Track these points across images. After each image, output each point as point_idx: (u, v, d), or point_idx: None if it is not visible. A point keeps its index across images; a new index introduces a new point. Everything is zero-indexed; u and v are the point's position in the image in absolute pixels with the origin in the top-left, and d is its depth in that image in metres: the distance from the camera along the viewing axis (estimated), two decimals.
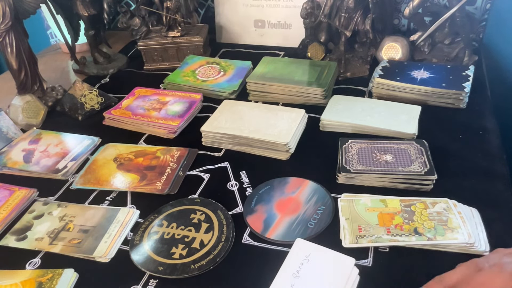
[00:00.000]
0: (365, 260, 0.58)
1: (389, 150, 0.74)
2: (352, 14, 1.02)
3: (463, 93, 0.86)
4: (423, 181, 0.68)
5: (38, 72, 1.00)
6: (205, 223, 0.66)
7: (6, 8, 0.87)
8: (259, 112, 0.88)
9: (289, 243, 0.61)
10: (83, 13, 1.12)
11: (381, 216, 0.63)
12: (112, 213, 0.70)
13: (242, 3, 1.24)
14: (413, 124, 0.81)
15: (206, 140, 0.85)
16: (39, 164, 0.83)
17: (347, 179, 0.71)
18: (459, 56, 1.01)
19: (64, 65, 1.28)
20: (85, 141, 0.89)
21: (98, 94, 1.00)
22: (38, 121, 0.96)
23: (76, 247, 0.64)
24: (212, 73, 1.06)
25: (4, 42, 0.90)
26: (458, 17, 0.98)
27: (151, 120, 0.90)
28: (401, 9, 1.16)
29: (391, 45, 1.05)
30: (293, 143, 0.80)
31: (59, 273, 0.60)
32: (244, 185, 0.74)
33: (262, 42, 1.26)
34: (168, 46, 1.16)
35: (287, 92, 0.95)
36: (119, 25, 1.30)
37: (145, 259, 0.61)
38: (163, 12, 1.13)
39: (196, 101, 0.96)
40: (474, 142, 0.79)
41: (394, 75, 0.93)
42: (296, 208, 0.68)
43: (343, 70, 1.05)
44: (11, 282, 0.59)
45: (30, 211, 0.72)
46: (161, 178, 0.76)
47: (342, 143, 0.78)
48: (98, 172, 0.80)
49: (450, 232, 0.59)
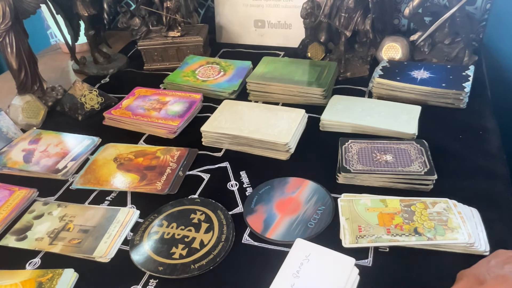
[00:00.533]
0: (365, 260, 0.58)
1: (389, 150, 0.74)
2: (352, 14, 1.01)
3: (463, 93, 0.86)
4: (423, 181, 0.68)
5: (38, 72, 1.00)
6: (205, 223, 0.66)
7: (6, 8, 0.87)
8: (259, 112, 0.88)
9: (289, 243, 0.61)
10: (83, 13, 1.12)
11: (381, 216, 0.63)
12: (112, 213, 0.70)
13: (242, 3, 1.24)
14: (413, 124, 0.81)
15: (206, 140, 0.85)
16: (39, 164, 0.83)
17: (347, 179, 0.71)
18: (459, 56, 1.01)
19: (64, 65, 1.28)
20: (85, 141, 0.89)
21: (98, 94, 1.00)
22: (38, 121, 0.96)
23: (76, 247, 0.64)
24: (212, 73, 1.06)
25: (4, 42, 0.90)
26: (458, 17, 0.98)
27: (151, 120, 0.90)
28: (401, 9, 1.16)
29: (391, 45, 1.04)
30: (293, 143, 0.80)
31: (59, 273, 0.60)
32: (244, 185, 0.74)
33: (262, 42, 1.26)
34: (168, 46, 1.16)
35: (287, 92, 0.95)
36: (119, 25, 1.30)
37: (145, 259, 0.61)
38: (163, 12, 1.13)
39: (196, 101, 0.96)
40: (474, 142, 0.79)
41: (394, 75, 0.93)
42: (296, 208, 0.68)
43: (343, 70, 1.05)
44: (11, 282, 0.59)
45: (30, 211, 0.72)
46: (161, 178, 0.76)
47: (342, 143, 0.78)
48: (98, 172, 0.80)
49: (450, 232, 0.59)
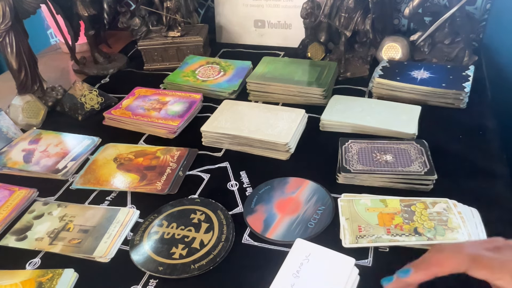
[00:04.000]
0: (365, 260, 0.58)
1: (389, 150, 0.74)
2: (352, 14, 1.01)
3: (463, 93, 0.86)
4: (423, 181, 0.68)
5: (38, 72, 1.00)
6: (205, 223, 0.66)
7: (6, 8, 0.87)
8: (259, 112, 0.88)
9: (289, 243, 0.61)
10: (83, 13, 1.12)
11: (381, 216, 0.63)
12: (112, 213, 0.70)
13: (242, 3, 1.24)
14: (413, 124, 0.81)
15: (206, 140, 0.85)
16: (39, 164, 0.83)
17: (347, 179, 0.71)
18: (459, 56, 1.01)
19: (64, 65, 1.28)
20: (85, 141, 0.89)
21: (98, 94, 1.00)
22: (38, 121, 0.96)
23: (76, 247, 0.64)
24: (212, 73, 1.06)
25: (4, 42, 0.90)
26: (458, 17, 0.98)
27: (151, 120, 0.90)
28: (401, 9, 1.15)
29: (391, 45, 1.04)
30: (293, 143, 0.80)
31: (59, 273, 0.60)
32: (244, 185, 0.74)
33: (262, 42, 1.26)
34: (168, 46, 1.16)
35: (287, 92, 0.95)
36: (119, 25, 1.30)
37: (145, 259, 0.61)
38: (163, 12, 1.13)
39: (196, 101, 0.96)
40: (474, 142, 0.79)
41: (394, 75, 0.93)
42: (296, 208, 0.67)
43: (343, 70, 1.05)
44: (11, 282, 0.59)
45: (30, 211, 0.72)
46: (161, 178, 0.76)
47: (342, 143, 0.78)
48: (98, 172, 0.80)
49: (450, 232, 0.59)
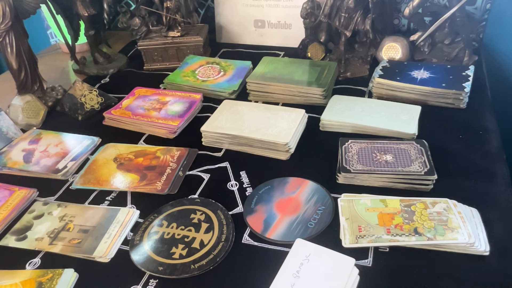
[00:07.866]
0: (365, 260, 0.58)
1: (389, 150, 0.74)
2: (352, 14, 1.02)
3: (463, 93, 0.86)
4: (423, 181, 0.68)
5: (38, 72, 1.00)
6: (205, 223, 0.66)
7: (6, 8, 0.87)
8: (259, 112, 0.88)
9: (289, 243, 0.61)
10: (83, 13, 1.12)
11: (381, 216, 0.63)
12: (112, 213, 0.70)
13: (242, 3, 1.24)
14: (413, 124, 0.81)
15: (206, 140, 0.85)
16: (39, 164, 0.83)
17: (347, 179, 0.71)
18: (459, 56, 1.01)
19: (64, 65, 1.28)
20: (85, 141, 0.89)
21: (98, 94, 1.00)
22: (38, 121, 0.96)
23: (76, 247, 0.64)
24: (212, 73, 1.06)
25: (4, 42, 0.90)
26: (458, 17, 0.98)
27: (151, 120, 0.90)
28: (401, 9, 1.16)
29: (391, 45, 1.04)
30: (293, 143, 0.80)
31: (59, 273, 0.60)
32: (244, 185, 0.74)
33: (262, 42, 1.26)
34: (168, 46, 1.16)
35: (287, 92, 0.95)
36: (119, 25, 1.30)
37: (145, 259, 0.61)
38: (163, 12, 1.13)
39: (196, 101, 0.96)
40: (474, 142, 0.79)
41: (394, 75, 0.93)
42: (296, 208, 0.67)
43: (343, 70, 1.05)
44: (11, 282, 0.59)
45: (30, 211, 0.72)
46: (161, 178, 0.76)
47: (342, 143, 0.78)
48: (98, 172, 0.80)
49: (450, 232, 0.59)
